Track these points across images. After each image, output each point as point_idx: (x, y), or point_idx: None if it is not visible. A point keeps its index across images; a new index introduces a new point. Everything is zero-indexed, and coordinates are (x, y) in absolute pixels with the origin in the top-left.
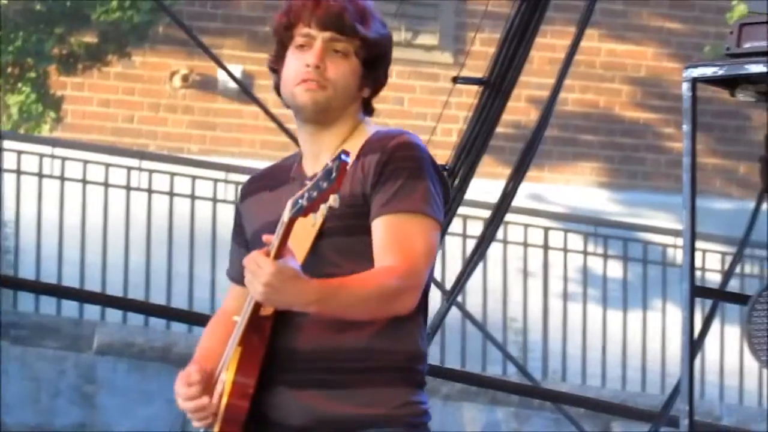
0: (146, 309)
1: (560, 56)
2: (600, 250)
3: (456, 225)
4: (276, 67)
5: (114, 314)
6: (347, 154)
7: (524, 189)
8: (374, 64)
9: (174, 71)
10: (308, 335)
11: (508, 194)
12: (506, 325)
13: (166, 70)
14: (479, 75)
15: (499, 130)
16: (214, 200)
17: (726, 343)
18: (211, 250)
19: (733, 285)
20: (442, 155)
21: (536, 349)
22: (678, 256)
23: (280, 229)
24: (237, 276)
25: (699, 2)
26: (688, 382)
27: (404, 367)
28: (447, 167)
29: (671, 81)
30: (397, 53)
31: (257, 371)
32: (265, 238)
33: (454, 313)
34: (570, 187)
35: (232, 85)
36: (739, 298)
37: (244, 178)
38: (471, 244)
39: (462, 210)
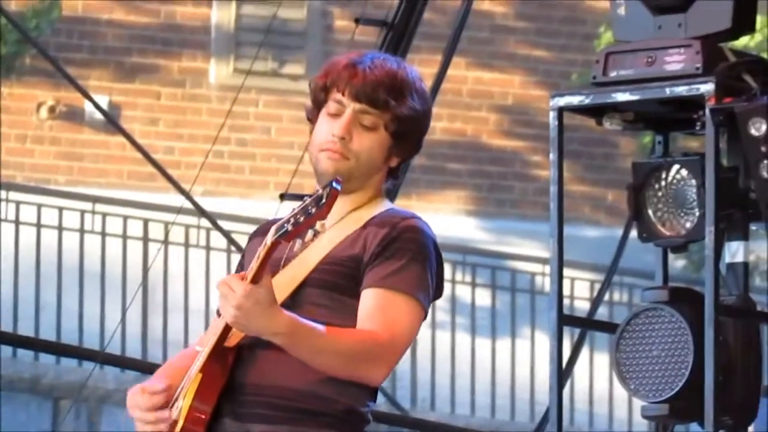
0: (14, 340)
1: (427, 85)
2: (468, 279)
3: None
4: (311, 119)
5: None
6: (339, 182)
7: None
8: (405, 137)
9: (41, 102)
10: (260, 371)
11: None
12: None
13: (33, 102)
14: None
15: None
16: (81, 231)
17: (595, 370)
18: (78, 281)
19: (602, 313)
20: (310, 184)
21: (405, 378)
22: (546, 284)
23: (261, 252)
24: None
25: (566, 30)
26: (557, 410)
27: (341, 418)
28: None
29: (538, 109)
30: (263, 83)
31: (214, 400)
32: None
33: None
34: (438, 215)
35: (99, 115)
36: (608, 326)
37: (111, 209)
38: None
39: None
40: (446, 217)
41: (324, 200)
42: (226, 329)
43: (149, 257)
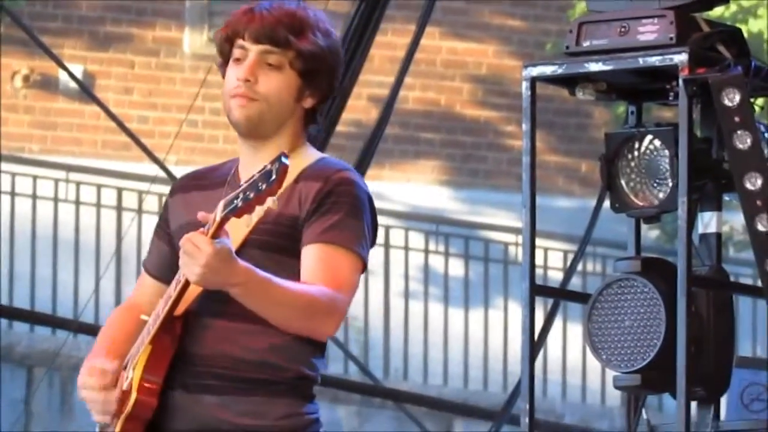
0: None
1: (400, 54)
2: (441, 249)
3: None
4: (223, 74)
5: None
6: (286, 155)
7: None
8: (314, 75)
9: (15, 71)
10: (209, 341)
11: None
12: (347, 323)
13: (8, 71)
14: None
15: (339, 128)
16: (56, 200)
17: (568, 341)
18: (52, 250)
19: (575, 283)
20: None
21: (377, 347)
22: (520, 254)
23: (213, 220)
24: (151, 268)
25: (540, 1)
26: (529, 381)
27: (293, 384)
28: None
29: (512, 79)
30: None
31: (164, 371)
32: (200, 215)
33: None
34: (411, 185)
35: (73, 85)
36: (580, 297)
37: (84, 177)
38: None
39: None
40: (419, 186)
41: (274, 176)
42: (182, 292)
43: (123, 226)
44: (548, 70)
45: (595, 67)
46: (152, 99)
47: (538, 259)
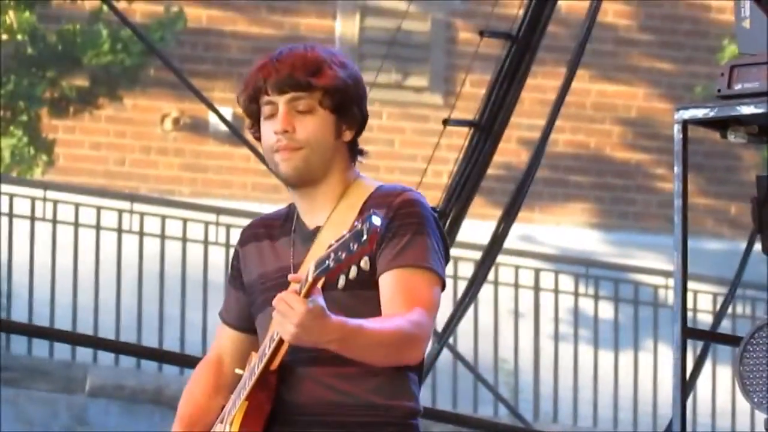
0: (138, 351)
1: (551, 97)
2: (591, 291)
3: (448, 267)
4: (257, 137)
5: (106, 357)
6: (377, 214)
7: (515, 230)
8: (345, 108)
9: (165, 114)
10: (306, 389)
11: (499, 235)
12: (497, 366)
13: (157, 113)
14: (470, 117)
15: (489, 171)
16: (206, 242)
17: (718, 383)
18: (202, 293)
19: (725, 326)
20: (433, 197)
21: (527, 390)
22: (669, 296)
23: (303, 288)
24: (230, 319)
25: (689, 42)
26: (681, 423)
27: (401, 423)
28: (438, 209)
29: (662, 122)
30: (387, 95)
31: (262, 426)
32: (291, 277)
33: (446, 354)
34: (561, 228)
35: (223, 127)
36: (731, 339)
37: (235, 220)
38: (462, 285)
39: (453, 252)
40: (569, 229)
41: (365, 236)
42: (277, 349)
43: None
44: (700, 113)
45: (747, 110)
46: None
47: (688, 302)
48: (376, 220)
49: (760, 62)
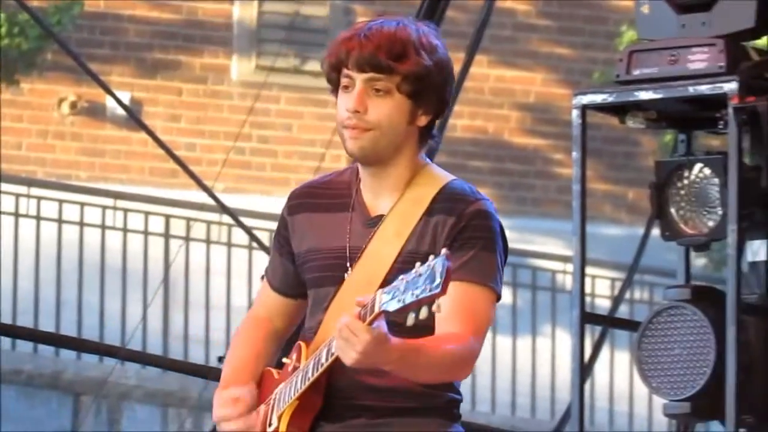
0: (35, 336)
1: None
2: None
3: None
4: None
5: (3, 341)
6: (449, 258)
7: None
8: (423, 94)
9: (62, 98)
10: (349, 373)
11: None
12: None
13: (55, 97)
14: None
15: None
16: (103, 227)
17: (616, 368)
18: (99, 277)
19: (623, 311)
20: None
21: None
22: (567, 281)
23: (369, 316)
24: (276, 283)
25: (588, 28)
26: (579, 408)
27: (444, 408)
28: None
29: (561, 107)
30: (285, 79)
31: (309, 423)
32: (357, 301)
33: None
34: None
35: (121, 111)
36: (629, 324)
37: (132, 205)
38: None
39: None
40: None
41: (438, 280)
42: (333, 363)
43: (171, 253)
44: (599, 98)
45: (645, 95)
46: (200, 126)
47: (586, 287)
48: (448, 262)
49: (658, 48)
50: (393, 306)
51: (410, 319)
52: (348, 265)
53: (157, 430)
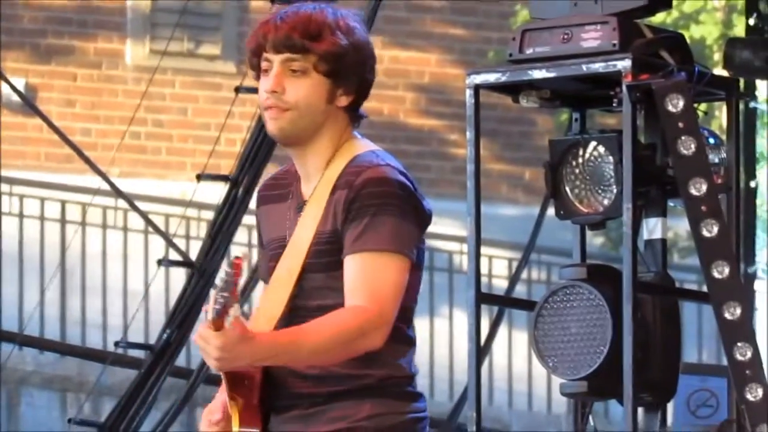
0: None
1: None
2: None
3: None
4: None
5: None
6: (240, 258)
7: None
8: (341, 74)
9: None
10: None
11: None
12: None
13: None
14: None
15: None
16: None
17: (514, 348)
18: None
19: (520, 291)
20: (227, 165)
21: None
22: (464, 262)
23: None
24: (264, 276)
25: (482, 8)
26: (476, 388)
27: (377, 386)
28: (231, 177)
29: (455, 87)
30: (179, 63)
31: (259, 419)
32: (204, 309)
33: None
34: None
35: (16, 98)
36: (526, 304)
37: (28, 190)
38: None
39: (246, 219)
40: None
41: (228, 289)
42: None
43: (67, 239)
44: (492, 77)
45: (538, 74)
46: (95, 111)
47: (483, 268)
48: (230, 273)
49: (551, 26)
50: (211, 315)
51: (227, 323)
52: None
53: (56, 415)
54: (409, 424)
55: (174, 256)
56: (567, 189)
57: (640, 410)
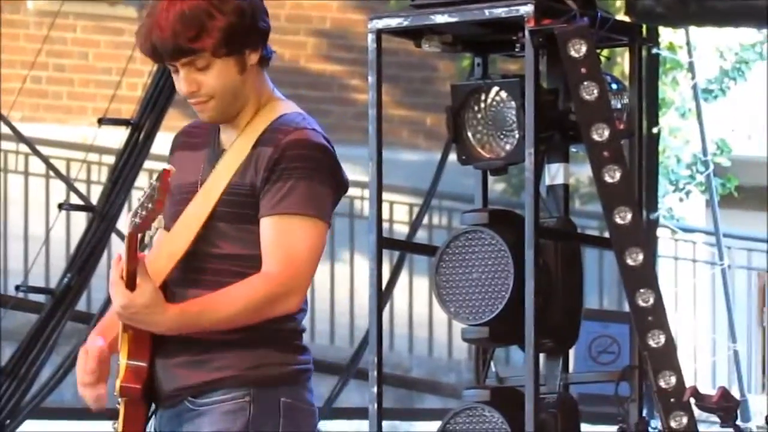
0: None
1: None
2: None
3: (142, 179)
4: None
5: None
6: (168, 171)
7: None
8: (240, 42)
9: None
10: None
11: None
12: None
13: None
14: None
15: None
16: None
17: (415, 294)
18: None
19: (421, 236)
20: (128, 110)
21: None
22: (365, 207)
23: (125, 243)
24: (168, 222)
25: None
26: (377, 334)
27: (267, 338)
28: (132, 121)
29: (357, 33)
30: (81, 8)
31: (148, 352)
32: (114, 259)
33: None
34: None
35: None
36: (427, 249)
37: None
38: None
39: (148, 164)
40: None
41: (156, 196)
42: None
43: None
44: (393, 22)
45: (440, 18)
46: None
47: (384, 213)
48: (158, 179)
49: None
50: (130, 228)
51: (147, 239)
52: None
53: None
54: (294, 374)
55: (75, 200)
56: (469, 134)
57: (541, 356)
